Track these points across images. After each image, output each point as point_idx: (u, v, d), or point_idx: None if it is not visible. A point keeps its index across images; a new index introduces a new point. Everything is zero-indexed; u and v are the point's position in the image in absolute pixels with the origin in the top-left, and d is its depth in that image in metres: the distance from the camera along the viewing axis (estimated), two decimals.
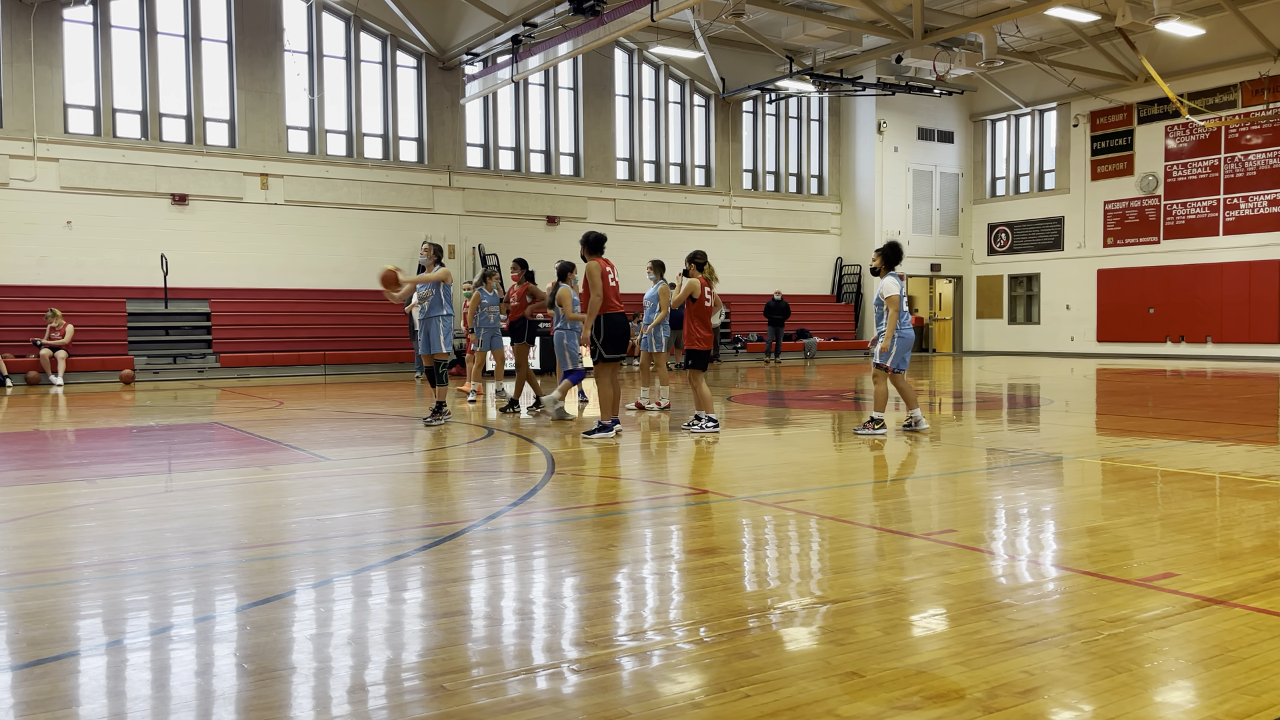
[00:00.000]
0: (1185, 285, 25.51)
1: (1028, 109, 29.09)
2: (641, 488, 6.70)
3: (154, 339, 19.82)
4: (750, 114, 28.69)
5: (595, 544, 4.89)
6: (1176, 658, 3.19)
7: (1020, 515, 5.60)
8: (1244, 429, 9.73)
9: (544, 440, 9.11)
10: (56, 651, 3.29)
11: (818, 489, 6.50)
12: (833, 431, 9.99)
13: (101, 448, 9.06)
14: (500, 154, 24.66)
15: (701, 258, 9.82)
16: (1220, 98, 24.75)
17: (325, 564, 4.53)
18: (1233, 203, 24.70)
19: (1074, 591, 3.95)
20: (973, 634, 3.40)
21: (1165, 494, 6.17)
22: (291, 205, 21.69)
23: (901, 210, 29.41)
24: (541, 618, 3.70)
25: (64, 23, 19.52)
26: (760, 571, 4.33)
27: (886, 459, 7.95)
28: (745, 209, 28.17)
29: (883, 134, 28.94)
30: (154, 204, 20.27)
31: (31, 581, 4.21)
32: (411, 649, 3.33)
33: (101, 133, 19.90)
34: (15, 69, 19.06)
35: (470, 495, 6.47)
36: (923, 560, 4.45)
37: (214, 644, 3.39)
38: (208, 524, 5.46)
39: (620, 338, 9.30)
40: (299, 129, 22.06)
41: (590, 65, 25.30)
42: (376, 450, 8.71)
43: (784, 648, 3.32)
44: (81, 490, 6.53)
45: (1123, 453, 8.11)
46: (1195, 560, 4.42)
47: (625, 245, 25.80)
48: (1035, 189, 29.52)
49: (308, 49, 22.11)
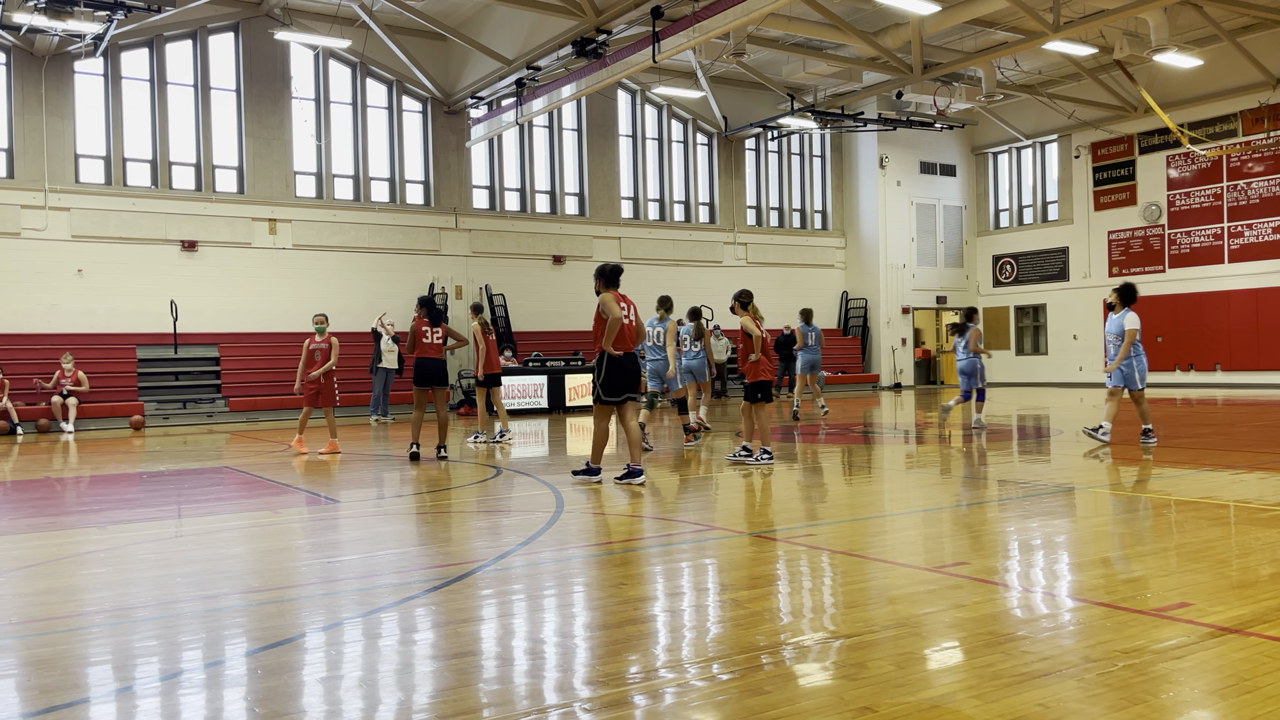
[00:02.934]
0: (1192, 313, 25.48)
1: (1029, 141, 29.27)
2: (651, 525, 6.69)
3: (164, 384, 19.90)
4: (753, 151, 28.91)
5: (606, 582, 4.87)
6: (1192, 688, 3.16)
7: (1033, 546, 5.57)
8: (1256, 456, 9.68)
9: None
10: (68, 699, 3.28)
11: (828, 523, 6.47)
12: (842, 465, 9.96)
13: (112, 493, 9.07)
14: (506, 195, 24.86)
15: (747, 297, 10.18)
16: (1221, 127, 24.87)
17: (335, 606, 4.52)
18: (1237, 230, 24.74)
19: (1088, 623, 3.92)
20: (986, 667, 3.38)
21: (1178, 523, 6.13)
22: (299, 249, 21.86)
23: (906, 243, 29.52)
24: (552, 657, 3.68)
25: (75, 74, 19.83)
26: (772, 607, 4.31)
27: (897, 492, 7.92)
28: (750, 245, 28.30)
29: (885, 168, 29.11)
30: (164, 251, 20.45)
31: (43, 629, 4.21)
32: (423, 690, 3.32)
33: (112, 181, 20.14)
34: (27, 120, 19.34)
35: (479, 535, 6.46)
36: (935, 593, 4.43)
37: (224, 688, 3.38)
38: (218, 568, 5.46)
39: (623, 382, 8.43)
40: (306, 174, 22.29)
41: (594, 106, 25.58)
42: (385, 491, 8.70)
43: (797, 684, 3.30)
44: (93, 536, 6.54)
45: (1134, 482, 8.06)
46: (1210, 589, 4.39)
47: (631, 283, 25.77)
48: (1039, 220, 29.61)
49: (315, 96, 22.41)
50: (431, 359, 11.21)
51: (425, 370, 11.10)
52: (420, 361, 11.13)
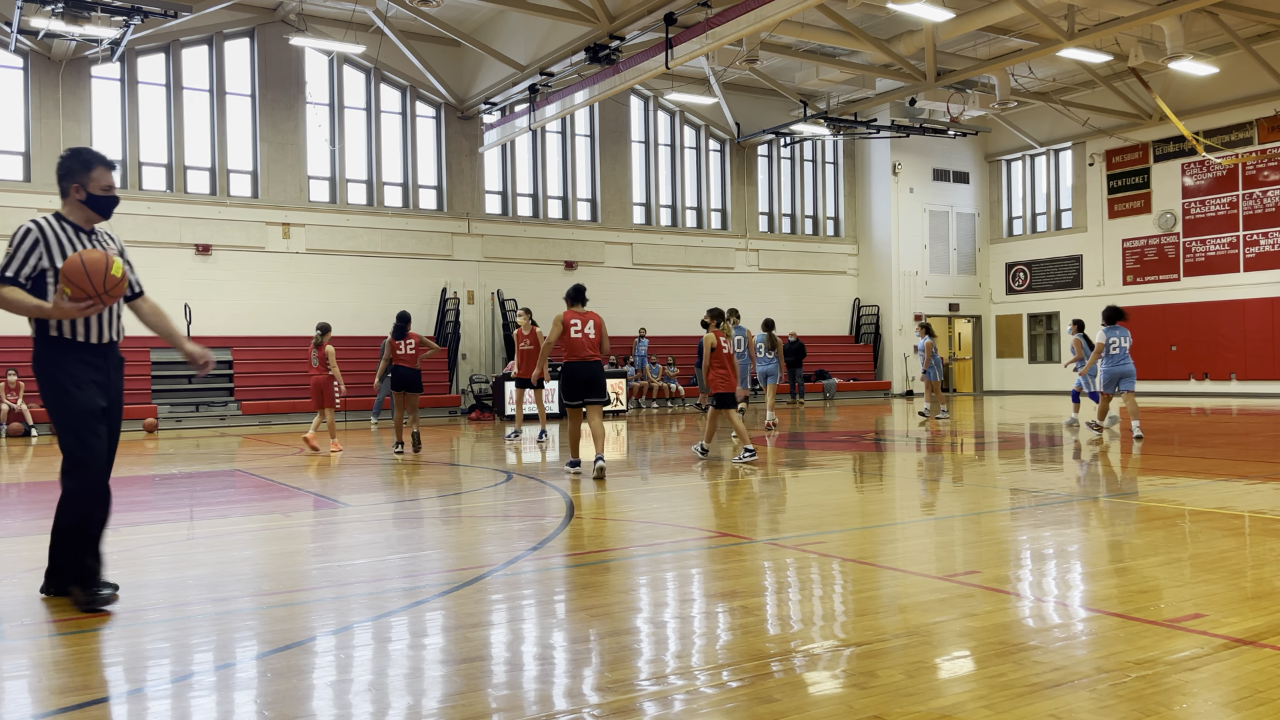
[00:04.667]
0: (1207, 322, 25.33)
1: (1043, 149, 29.18)
2: (661, 531, 6.68)
3: (177, 388, 20.01)
4: (765, 157, 28.91)
5: (615, 588, 4.87)
6: (1206, 700, 3.14)
7: (1045, 556, 5.54)
8: (1272, 467, 9.61)
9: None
10: (80, 700, 3.30)
11: (838, 531, 6.45)
12: (853, 473, 9.94)
13: (125, 496, 9.12)
14: (518, 201, 24.92)
15: (717, 314, 11.07)
16: (1236, 135, 24.75)
17: (346, 610, 4.53)
18: (1253, 239, 24.60)
19: (1100, 633, 3.90)
20: (997, 677, 3.36)
21: (1192, 533, 6.09)
22: (313, 254, 21.95)
23: (918, 251, 29.45)
24: (562, 663, 3.68)
25: (92, 79, 19.98)
26: (782, 614, 4.30)
27: (908, 500, 7.89)
28: (762, 251, 28.29)
29: (898, 175, 29.07)
30: (178, 254, 20.57)
31: (55, 630, 4.23)
32: (432, 695, 3.32)
33: (128, 186, 20.26)
34: (44, 125, 19.50)
35: (489, 540, 6.46)
36: (946, 602, 4.41)
37: (235, 691, 3.39)
38: (229, 571, 5.48)
39: (576, 388, 9.57)
40: (320, 179, 22.40)
41: (606, 112, 25.62)
42: (397, 495, 8.72)
43: (806, 691, 3.29)
44: (106, 538, 6.55)
45: (1148, 492, 8.02)
46: (1224, 600, 4.36)
47: (643, 288, 25.98)
48: (1052, 228, 29.51)
49: (329, 101, 22.52)
50: (404, 367, 12.50)
51: (399, 377, 12.49)
52: (395, 369, 12.49)
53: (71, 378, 4.50)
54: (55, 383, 4.49)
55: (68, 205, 4.66)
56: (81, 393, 4.50)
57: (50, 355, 4.51)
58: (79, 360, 4.54)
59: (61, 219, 4.60)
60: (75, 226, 4.61)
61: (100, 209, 4.65)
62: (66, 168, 4.64)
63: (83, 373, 4.54)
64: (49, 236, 4.49)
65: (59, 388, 4.49)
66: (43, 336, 4.52)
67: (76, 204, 4.63)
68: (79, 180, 4.61)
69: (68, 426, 4.51)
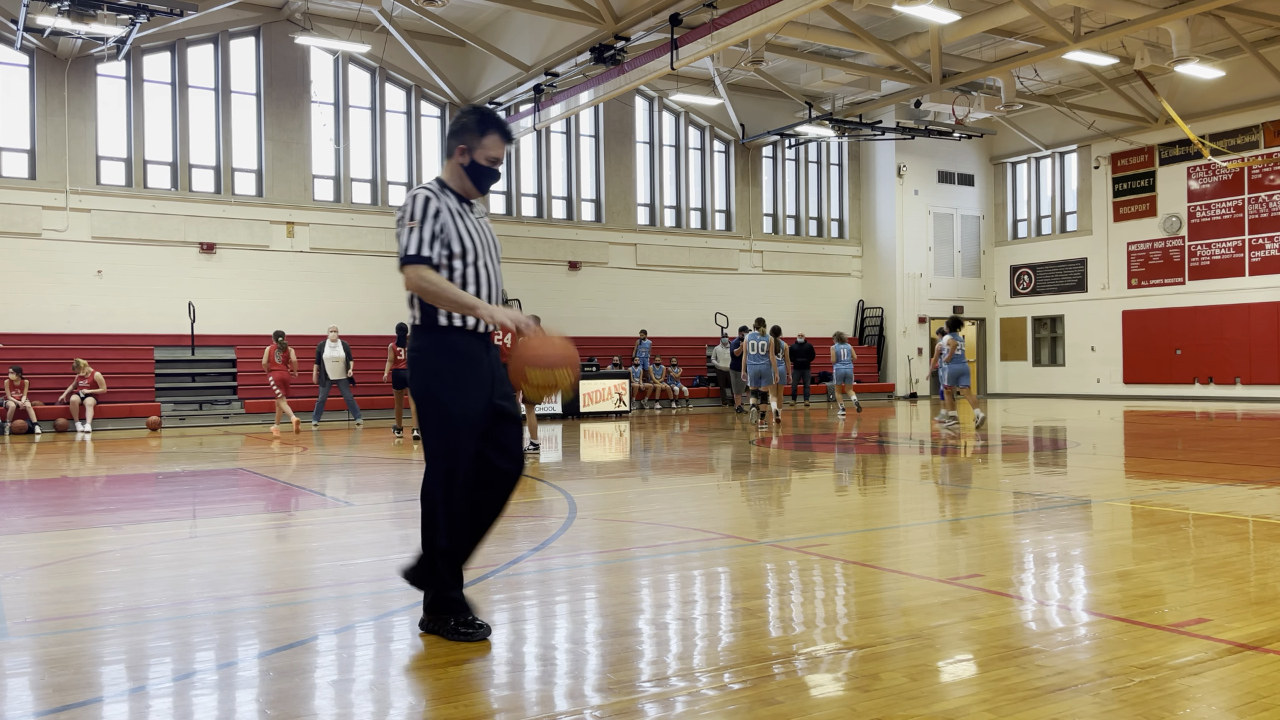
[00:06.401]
0: (1212, 326, 25.28)
1: (1048, 151, 29.14)
2: (664, 532, 6.67)
3: (181, 385, 20.03)
4: (770, 159, 28.89)
5: (617, 588, 4.86)
6: (1210, 705, 3.13)
7: (1049, 559, 5.53)
8: (1276, 471, 9.59)
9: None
10: (81, 698, 3.30)
11: (841, 533, 6.44)
12: (857, 475, 9.92)
13: (128, 494, 9.13)
14: (523, 200, 24.93)
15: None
16: (1242, 139, 24.70)
17: (348, 609, 4.53)
18: (1258, 243, 24.55)
19: (1104, 637, 3.89)
20: (1001, 680, 3.35)
21: (1196, 538, 6.08)
22: (317, 253, 21.98)
23: (923, 253, 29.42)
24: (564, 663, 3.67)
25: (97, 77, 20.02)
26: (784, 617, 4.29)
27: (912, 503, 7.87)
28: (766, 252, 28.27)
29: (903, 177, 29.04)
30: (182, 252, 20.60)
31: (58, 627, 4.23)
32: (433, 695, 3.32)
33: (133, 184, 20.31)
34: (49, 122, 19.53)
35: (491, 539, 6.45)
36: (949, 605, 4.39)
37: (237, 690, 3.39)
38: (231, 569, 5.48)
39: None
40: (325, 178, 22.42)
41: (611, 113, 25.62)
42: (399, 494, 8.72)
43: (809, 694, 3.28)
44: (108, 536, 6.58)
45: (1152, 496, 8.00)
46: (1228, 605, 4.34)
47: (647, 289, 25.98)
48: (1057, 231, 29.47)
49: (334, 100, 22.54)
50: (404, 370, 14.51)
51: (399, 378, 15.37)
52: (396, 372, 15.38)
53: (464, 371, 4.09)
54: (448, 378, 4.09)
55: (449, 169, 4.05)
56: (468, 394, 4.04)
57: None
58: None
59: (444, 186, 4.00)
60: (459, 197, 4.01)
61: (479, 181, 4.02)
62: (460, 124, 4.02)
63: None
64: (445, 208, 3.93)
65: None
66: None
67: (458, 169, 4.01)
68: (467, 142, 3.97)
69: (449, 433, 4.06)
